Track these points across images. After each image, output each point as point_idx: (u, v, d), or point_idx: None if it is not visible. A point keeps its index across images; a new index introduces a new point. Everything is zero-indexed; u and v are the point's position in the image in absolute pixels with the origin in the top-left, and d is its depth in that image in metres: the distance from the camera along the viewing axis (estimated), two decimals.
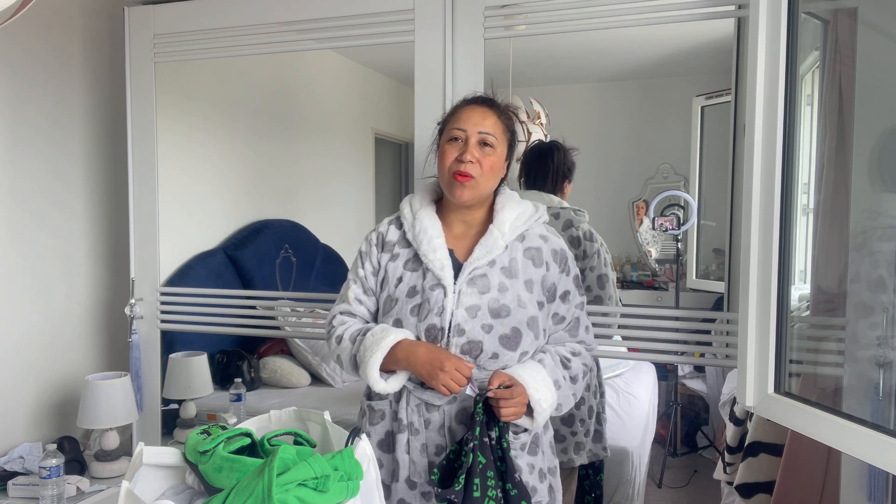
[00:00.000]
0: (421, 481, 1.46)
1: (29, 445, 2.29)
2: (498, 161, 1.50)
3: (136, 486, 1.08)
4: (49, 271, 2.47)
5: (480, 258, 1.47)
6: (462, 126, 1.48)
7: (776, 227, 1.55)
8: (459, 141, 1.48)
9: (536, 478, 1.49)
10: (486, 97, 1.56)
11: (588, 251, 2.17)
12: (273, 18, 2.29)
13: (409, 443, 1.47)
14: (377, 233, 1.60)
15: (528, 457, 1.49)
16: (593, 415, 2.29)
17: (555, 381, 1.46)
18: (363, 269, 1.57)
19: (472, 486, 1.32)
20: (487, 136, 1.48)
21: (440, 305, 1.44)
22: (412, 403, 1.46)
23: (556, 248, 1.54)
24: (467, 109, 1.51)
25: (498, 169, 1.51)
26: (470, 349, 1.43)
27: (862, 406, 1.59)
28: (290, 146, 3.57)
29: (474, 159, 1.46)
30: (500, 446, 1.39)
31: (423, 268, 1.49)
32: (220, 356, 2.97)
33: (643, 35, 2.91)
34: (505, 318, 1.44)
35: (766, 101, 1.56)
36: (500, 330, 1.44)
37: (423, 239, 1.50)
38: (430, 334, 1.44)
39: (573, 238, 2.15)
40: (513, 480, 1.37)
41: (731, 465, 2.58)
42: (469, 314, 1.44)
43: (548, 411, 1.43)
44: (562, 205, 2.24)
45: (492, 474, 1.35)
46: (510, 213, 1.51)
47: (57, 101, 2.47)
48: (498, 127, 1.50)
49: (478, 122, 1.48)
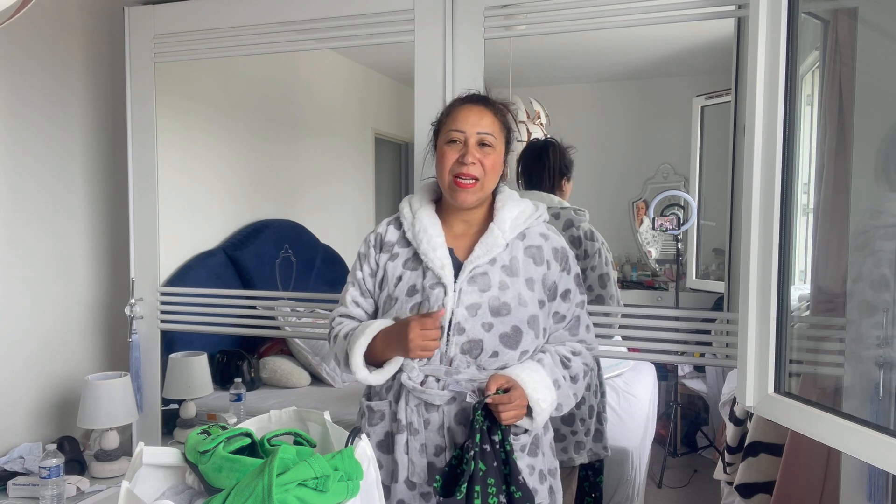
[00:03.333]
0: (420, 482, 1.46)
1: (29, 445, 2.29)
2: (498, 160, 1.50)
3: (136, 486, 1.08)
4: (49, 271, 2.47)
5: (481, 256, 1.47)
6: (460, 127, 1.47)
7: (776, 227, 1.55)
8: (458, 143, 1.47)
9: (537, 479, 1.49)
10: (481, 95, 1.55)
11: (589, 250, 2.17)
12: (273, 18, 2.29)
13: (408, 443, 1.46)
14: (375, 234, 1.60)
15: (529, 458, 1.49)
16: (594, 414, 2.29)
17: (554, 381, 1.45)
18: (361, 271, 1.59)
19: (474, 494, 1.32)
20: (486, 136, 1.47)
21: (440, 304, 1.44)
22: (411, 404, 1.46)
23: (556, 247, 1.54)
24: (464, 109, 1.50)
25: (498, 167, 1.51)
26: (470, 348, 1.43)
27: (862, 406, 1.59)
28: (291, 146, 3.57)
29: (476, 160, 1.45)
30: (504, 449, 1.38)
31: (422, 267, 1.49)
32: (220, 356, 2.97)
33: (643, 35, 2.91)
34: (505, 317, 1.44)
35: (766, 101, 1.56)
36: (500, 328, 1.44)
37: (423, 238, 1.49)
38: None
39: (574, 238, 2.15)
40: (517, 483, 1.37)
41: (731, 465, 2.58)
42: (469, 312, 1.44)
43: (547, 411, 1.43)
44: (562, 204, 2.24)
45: (492, 481, 1.34)
46: (510, 211, 1.51)
47: (57, 101, 2.47)
48: (495, 125, 1.50)
49: (475, 123, 1.47)
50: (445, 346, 1.43)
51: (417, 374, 1.45)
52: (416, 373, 1.45)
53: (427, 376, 1.45)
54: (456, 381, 1.43)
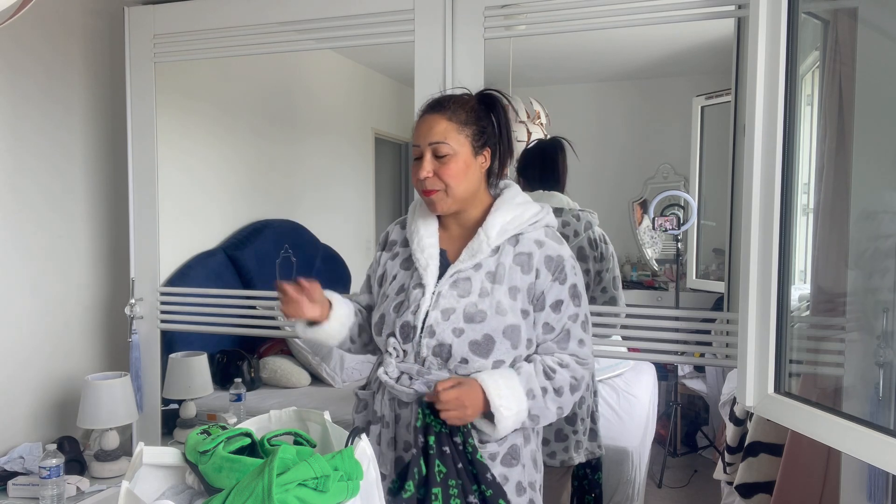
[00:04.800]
0: (388, 473, 1.47)
1: (29, 445, 2.28)
2: (459, 164, 1.43)
3: (136, 486, 1.08)
4: (49, 271, 2.47)
5: (465, 261, 1.45)
6: (416, 141, 1.46)
7: (776, 227, 1.55)
8: (419, 157, 1.46)
9: (513, 491, 1.44)
10: (435, 100, 1.49)
11: (605, 253, 2.19)
12: (273, 18, 2.29)
13: (380, 434, 1.50)
14: (384, 233, 1.66)
15: (502, 468, 1.44)
16: (589, 413, 2.31)
17: (529, 391, 1.40)
18: (370, 268, 1.67)
19: (431, 497, 1.32)
20: (439, 146, 1.42)
21: (416, 304, 1.45)
22: (385, 398, 1.49)
23: (551, 255, 1.46)
24: (420, 121, 1.47)
25: (465, 171, 1.44)
26: (440, 351, 1.42)
27: (862, 406, 1.59)
28: (291, 146, 3.57)
29: (429, 173, 1.43)
30: (466, 451, 1.37)
31: (413, 267, 1.50)
32: (220, 356, 2.97)
33: (643, 35, 2.91)
34: (479, 324, 1.40)
35: (766, 101, 1.56)
36: (471, 335, 1.40)
37: (415, 238, 1.51)
38: (403, 331, 1.45)
39: (591, 240, 2.15)
40: (486, 481, 1.36)
41: (731, 465, 2.58)
42: (443, 316, 1.42)
43: (511, 419, 1.37)
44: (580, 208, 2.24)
45: (454, 482, 1.34)
46: (503, 216, 1.46)
47: (58, 100, 2.47)
48: (450, 129, 1.43)
49: (426, 134, 1.44)
50: (418, 347, 1.44)
51: (393, 370, 1.47)
52: (392, 368, 1.47)
53: (402, 373, 1.46)
54: (425, 381, 1.43)
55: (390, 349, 1.47)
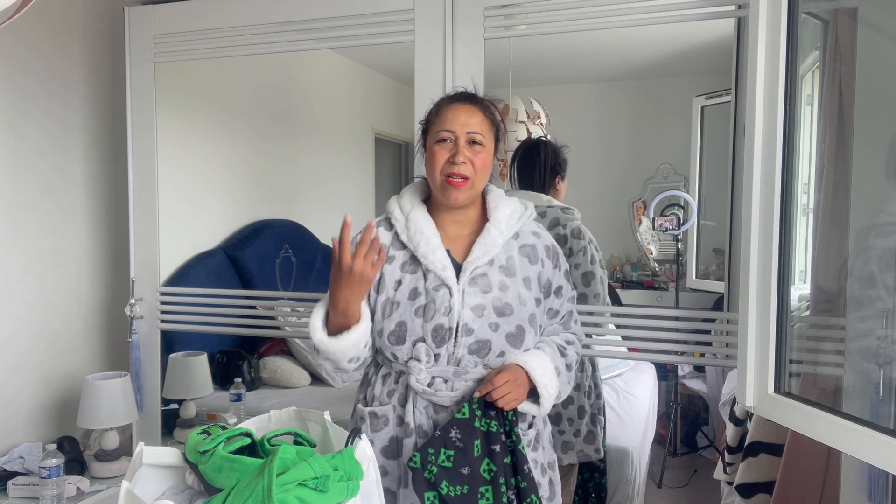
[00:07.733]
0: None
1: (29, 445, 2.28)
2: (488, 158, 1.50)
3: (136, 486, 1.08)
4: (49, 271, 2.47)
5: (480, 257, 1.46)
6: (449, 127, 1.46)
7: (776, 227, 1.55)
8: (448, 142, 1.46)
9: (539, 472, 1.51)
10: (469, 94, 1.54)
11: (574, 248, 2.17)
12: (273, 18, 2.29)
13: (416, 446, 1.44)
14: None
15: (531, 453, 1.50)
16: (585, 415, 2.27)
17: (555, 368, 1.48)
18: None
19: (477, 496, 1.33)
20: (476, 135, 1.46)
21: (447, 305, 1.43)
22: (419, 406, 1.45)
23: (548, 244, 1.55)
24: (453, 108, 1.49)
25: (489, 166, 1.51)
26: (478, 348, 1.43)
27: (862, 406, 1.59)
28: (291, 146, 3.58)
29: (466, 160, 1.45)
30: (511, 439, 1.39)
31: (422, 269, 1.47)
32: (220, 356, 2.97)
33: (643, 35, 2.92)
34: (510, 317, 1.45)
35: (766, 101, 1.56)
36: (506, 328, 1.44)
37: (421, 240, 1.48)
38: (437, 334, 1.43)
39: (559, 236, 2.15)
40: (523, 473, 1.37)
41: (731, 465, 2.58)
42: (475, 313, 1.44)
43: (553, 396, 1.46)
44: (550, 203, 2.23)
45: (503, 480, 1.35)
46: (504, 210, 1.51)
47: (58, 100, 2.47)
48: (485, 124, 1.49)
49: (465, 122, 1.46)
50: (454, 348, 1.43)
51: (425, 377, 1.44)
52: (423, 375, 1.44)
53: (434, 378, 1.44)
54: (465, 382, 1.44)
55: (420, 356, 1.44)
